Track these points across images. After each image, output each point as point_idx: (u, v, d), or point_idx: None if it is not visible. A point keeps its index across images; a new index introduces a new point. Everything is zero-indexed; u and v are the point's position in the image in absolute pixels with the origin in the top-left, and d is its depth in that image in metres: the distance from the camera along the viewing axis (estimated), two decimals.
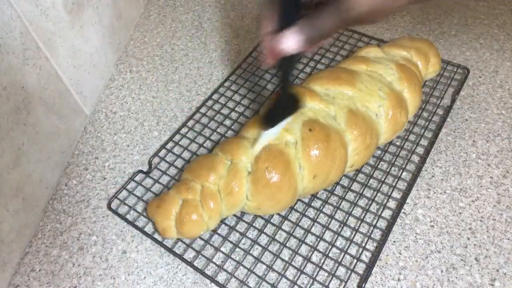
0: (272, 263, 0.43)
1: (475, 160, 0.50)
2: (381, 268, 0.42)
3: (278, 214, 0.46)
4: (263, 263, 0.42)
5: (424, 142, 0.51)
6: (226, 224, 0.46)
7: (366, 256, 0.43)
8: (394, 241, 0.44)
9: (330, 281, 0.41)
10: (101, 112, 0.58)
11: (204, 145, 0.53)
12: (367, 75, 0.48)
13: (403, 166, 0.49)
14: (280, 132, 0.43)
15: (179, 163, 0.51)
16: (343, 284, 0.40)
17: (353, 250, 0.43)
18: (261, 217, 0.46)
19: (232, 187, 0.41)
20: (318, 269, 0.41)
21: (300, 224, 0.45)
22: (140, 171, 0.50)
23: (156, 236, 0.45)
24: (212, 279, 0.41)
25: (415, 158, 0.50)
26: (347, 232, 0.45)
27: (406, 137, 0.51)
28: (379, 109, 0.46)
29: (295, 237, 0.44)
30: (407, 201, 0.46)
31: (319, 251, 0.43)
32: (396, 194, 0.47)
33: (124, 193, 0.49)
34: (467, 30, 0.65)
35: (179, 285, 0.42)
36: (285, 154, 0.41)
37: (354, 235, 0.44)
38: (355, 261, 0.42)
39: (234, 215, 0.46)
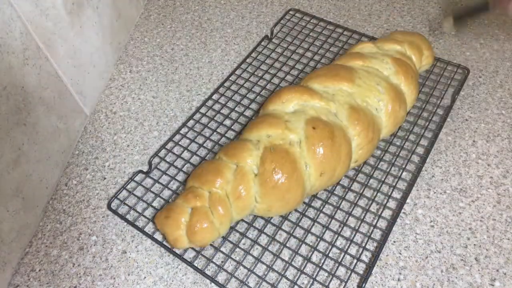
0: (272, 263, 0.43)
1: (475, 160, 0.50)
2: (381, 268, 0.42)
3: None
4: (263, 263, 0.42)
5: (424, 142, 0.51)
6: None
7: (366, 256, 0.43)
8: (394, 241, 0.44)
9: (330, 281, 0.41)
10: (101, 112, 0.58)
11: (204, 145, 0.53)
12: (364, 71, 0.48)
13: (403, 166, 0.49)
14: (283, 132, 0.43)
15: (179, 163, 0.51)
16: (343, 284, 0.40)
17: (353, 250, 0.43)
18: (261, 217, 0.46)
19: (240, 191, 0.41)
20: (318, 269, 0.41)
21: (300, 224, 0.45)
22: (140, 171, 0.50)
23: (156, 236, 0.45)
24: (212, 279, 0.41)
25: (415, 158, 0.50)
26: (347, 232, 0.45)
27: (406, 137, 0.51)
28: (379, 104, 0.47)
29: (295, 237, 0.44)
30: (407, 201, 0.46)
31: (319, 251, 0.43)
32: (396, 194, 0.47)
33: (124, 193, 0.49)
34: (467, 30, 0.65)
35: (179, 285, 0.42)
36: (291, 153, 0.41)
37: (354, 235, 0.44)
38: (355, 261, 0.42)
39: None
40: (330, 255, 0.43)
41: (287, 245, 0.44)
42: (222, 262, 0.43)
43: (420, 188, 0.48)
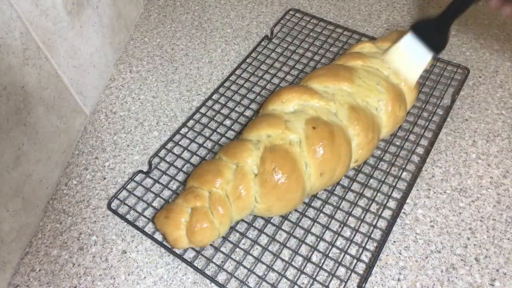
0: (272, 263, 0.43)
1: (475, 160, 0.50)
2: (381, 268, 0.42)
3: None
4: (263, 263, 0.42)
5: (424, 142, 0.51)
6: None
7: (366, 256, 0.43)
8: (394, 241, 0.44)
9: (330, 281, 0.41)
10: (101, 112, 0.58)
11: (204, 145, 0.53)
12: (364, 71, 0.49)
13: (403, 166, 0.49)
14: (283, 132, 0.43)
15: (179, 163, 0.51)
16: (343, 284, 0.40)
17: (353, 250, 0.43)
18: (261, 217, 0.46)
19: (240, 191, 0.41)
20: (318, 269, 0.41)
21: (300, 224, 0.45)
22: (140, 171, 0.50)
23: (156, 236, 0.45)
24: (212, 279, 0.41)
25: (415, 158, 0.50)
26: (347, 232, 0.45)
27: (406, 137, 0.51)
28: (379, 103, 0.47)
29: (295, 237, 0.44)
30: (407, 201, 0.46)
31: (319, 251, 0.43)
32: (396, 194, 0.47)
33: (124, 193, 0.49)
34: (467, 30, 0.65)
35: (179, 285, 0.42)
36: (291, 153, 0.41)
37: (354, 235, 0.44)
38: (355, 261, 0.42)
39: None
40: (330, 255, 0.43)
41: (287, 245, 0.44)
42: (222, 262, 0.43)
43: (420, 188, 0.48)
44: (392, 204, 0.46)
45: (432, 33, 0.47)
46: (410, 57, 0.48)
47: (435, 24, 0.47)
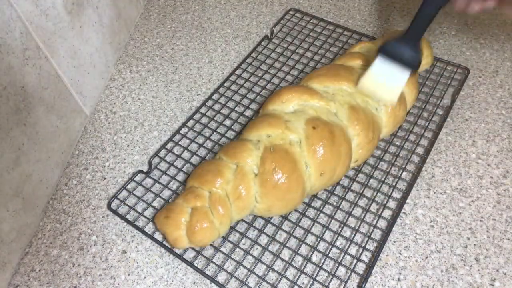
0: (272, 263, 0.43)
1: (475, 160, 0.50)
2: (381, 268, 0.42)
3: None
4: (263, 263, 0.42)
5: (424, 142, 0.51)
6: None
7: (366, 256, 0.43)
8: (394, 241, 0.44)
9: (330, 281, 0.41)
10: (101, 112, 0.58)
11: (204, 145, 0.53)
12: (364, 70, 0.48)
13: (403, 166, 0.49)
14: (284, 132, 0.43)
15: (179, 163, 0.51)
16: (343, 284, 0.40)
17: (353, 250, 0.43)
18: (261, 217, 0.46)
19: (240, 191, 0.41)
20: (318, 269, 0.41)
21: (300, 224, 0.45)
22: (140, 171, 0.50)
23: (156, 236, 0.45)
24: (212, 279, 0.41)
25: (415, 158, 0.50)
26: (347, 232, 0.45)
27: (406, 137, 0.51)
28: (379, 103, 0.47)
29: (295, 237, 0.44)
30: (407, 201, 0.46)
31: (319, 251, 0.43)
32: (396, 194, 0.47)
33: (124, 193, 0.49)
34: (467, 30, 0.65)
35: (179, 285, 0.42)
36: (291, 153, 0.41)
37: (354, 235, 0.44)
38: (355, 261, 0.42)
39: None
40: (330, 255, 0.43)
41: (287, 245, 0.44)
42: (222, 262, 0.43)
43: (420, 188, 0.48)
44: (392, 204, 0.46)
45: (404, 49, 0.44)
46: (385, 81, 0.45)
47: (405, 40, 0.45)
